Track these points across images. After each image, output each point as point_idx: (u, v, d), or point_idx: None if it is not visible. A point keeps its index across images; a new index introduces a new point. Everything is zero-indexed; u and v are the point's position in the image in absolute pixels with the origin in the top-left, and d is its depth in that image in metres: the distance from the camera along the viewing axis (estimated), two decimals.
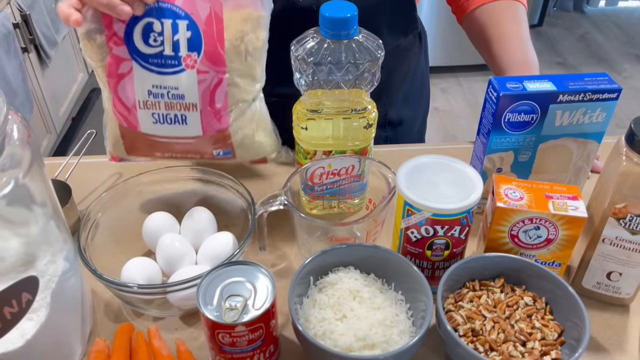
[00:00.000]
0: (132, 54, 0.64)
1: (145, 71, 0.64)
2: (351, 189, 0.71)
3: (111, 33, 0.64)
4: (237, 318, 0.51)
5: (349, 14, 0.60)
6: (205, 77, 0.64)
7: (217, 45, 0.63)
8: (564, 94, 0.65)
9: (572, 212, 0.58)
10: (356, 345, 0.53)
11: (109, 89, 0.67)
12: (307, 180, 0.69)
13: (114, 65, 0.65)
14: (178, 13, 0.62)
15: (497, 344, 0.55)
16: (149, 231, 0.66)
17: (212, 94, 0.65)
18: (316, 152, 0.69)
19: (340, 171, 0.68)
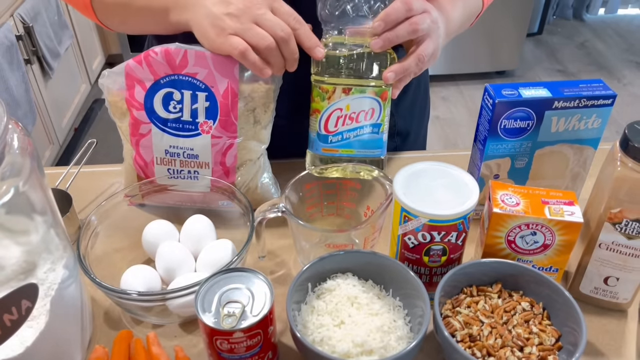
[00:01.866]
0: (151, 117, 0.70)
1: (164, 133, 0.70)
2: (369, 143, 0.69)
3: (132, 97, 0.69)
4: (235, 324, 0.51)
5: None
6: (218, 141, 0.70)
7: (231, 114, 0.69)
8: (559, 101, 0.65)
9: (568, 217, 0.58)
10: (354, 351, 0.53)
11: (131, 145, 0.72)
12: (323, 129, 0.67)
13: (134, 125, 0.70)
14: (198, 86, 0.68)
15: (495, 349, 0.55)
16: (149, 239, 0.67)
17: (224, 155, 0.71)
18: (335, 90, 0.67)
19: (359, 116, 0.67)
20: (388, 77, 0.66)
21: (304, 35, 0.64)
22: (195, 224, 0.68)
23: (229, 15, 0.62)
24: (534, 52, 3.35)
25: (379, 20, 0.64)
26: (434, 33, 0.68)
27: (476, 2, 0.82)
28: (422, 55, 0.67)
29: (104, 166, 0.85)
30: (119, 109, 0.70)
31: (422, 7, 0.66)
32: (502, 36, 2.83)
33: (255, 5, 0.63)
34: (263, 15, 0.62)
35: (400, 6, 0.64)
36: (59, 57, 2.22)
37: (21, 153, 0.48)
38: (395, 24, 0.65)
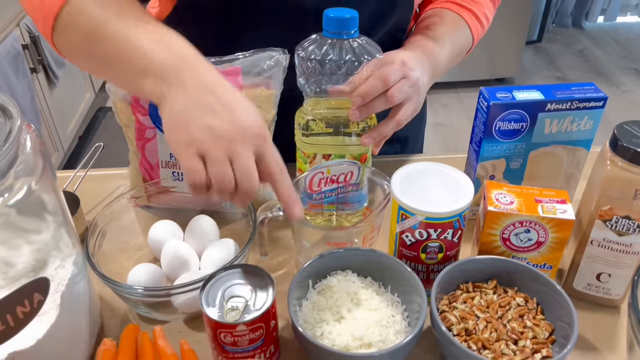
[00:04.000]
0: (155, 122, 0.71)
1: None
2: (350, 198, 0.74)
3: (137, 103, 0.71)
4: (238, 318, 0.53)
5: (349, 15, 0.63)
6: None
7: None
8: (551, 103, 0.68)
9: (561, 214, 0.60)
10: (353, 344, 0.55)
11: (137, 149, 0.74)
12: (307, 188, 0.71)
13: (140, 130, 0.72)
14: None
15: (490, 343, 0.56)
16: (154, 239, 0.69)
17: None
18: (316, 156, 0.71)
19: (339, 177, 0.70)
20: (366, 143, 0.68)
21: (283, 190, 0.55)
22: (199, 224, 0.70)
23: (209, 131, 0.51)
24: (533, 59, 3.38)
25: (357, 96, 0.65)
26: (414, 94, 0.69)
27: (466, 39, 0.82)
28: (401, 120, 0.69)
29: (111, 169, 0.87)
30: (124, 114, 0.72)
31: (399, 75, 0.66)
32: (502, 44, 2.86)
33: (242, 140, 0.51)
34: (241, 155, 0.51)
35: (378, 83, 0.64)
36: (64, 66, 2.26)
37: (34, 153, 0.50)
38: (373, 97, 0.65)
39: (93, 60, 0.60)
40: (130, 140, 0.74)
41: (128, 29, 0.56)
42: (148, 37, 0.55)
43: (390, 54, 0.71)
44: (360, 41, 0.65)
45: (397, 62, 0.67)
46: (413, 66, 0.68)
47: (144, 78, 0.54)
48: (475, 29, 0.82)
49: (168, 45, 0.55)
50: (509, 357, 0.55)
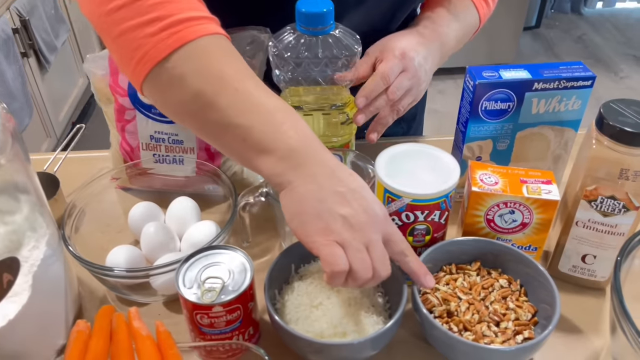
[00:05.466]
0: (135, 104, 0.70)
1: (148, 119, 0.70)
2: None
3: (115, 84, 0.69)
4: (214, 299, 0.52)
5: (324, 9, 0.61)
6: None
7: None
8: (539, 82, 0.66)
9: (545, 195, 0.59)
10: (328, 332, 0.54)
11: (117, 130, 0.72)
12: None
13: (120, 111, 0.71)
14: None
15: (472, 324, 0.56)
16: (134, 220, 0.68)
17: None
18: None
19: None
20: (372, 139, 0.72)
21: (414, 264, 0.54)
22: (180, 206, 0.69)
23: (344, 220, 0.50)
24: (532, 45, 3.35)
25: (361, 97, 0.67)
26: (414, 85, 0.70)
27: (474, 19, 0.81)
28: (400, 110, 0.71)
29: (93, 152, 0.86)
30: (104, 94, 0.71)
31: (399, 69, 0.68)
32: (499, 29, 2.83)
33: (374, 226, 0.51)
34: (376, 242, 0.51)
35: (379, 81, 0.67)
36: (55, 51, 2.23)
37: (2, 129, 0.49)
38: (375, 97, 0.68)
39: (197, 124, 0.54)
40: (110, 122, 0.73)
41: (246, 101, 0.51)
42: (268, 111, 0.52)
43: (391, 39, 0.71)
44: (337, 34, 0.63)
45: (397, 53, 0.68)
46: (413, 55, 0.69)
47: (266, 155, 0.51)
48: (482, 9, 0.81)
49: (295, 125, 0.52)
50: (490, 339, 0.54)
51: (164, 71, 0.51)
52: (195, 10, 0.52)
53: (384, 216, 0.52)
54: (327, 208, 0.50)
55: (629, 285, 0.59)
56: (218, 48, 0.53)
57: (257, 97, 0.52)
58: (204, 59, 0.51)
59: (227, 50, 0.53)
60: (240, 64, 0.53)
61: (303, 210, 0.50)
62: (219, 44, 0.53)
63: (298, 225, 0.51)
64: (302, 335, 0.52)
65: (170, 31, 0.50)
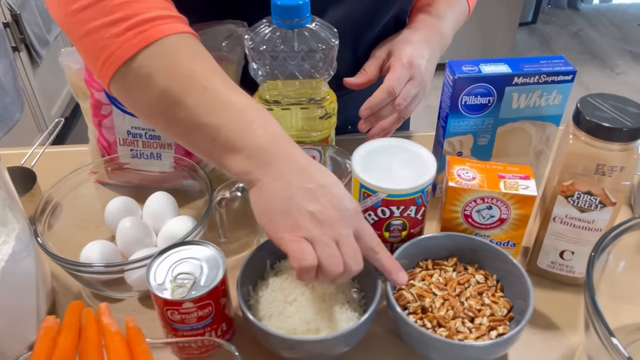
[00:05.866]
0: (111, 99, 0.69)
1: (125, 114, 0.70)
2: None
3: (91, 78, 0.69)
4: (185, 295, 0.52)
5: (300, 2, 0.60)
6: None
7: None
8: (519, 76, 0.66)
9: (523, 190, 0.59)
10: (301, 328, 0.53)
11: (93, 125, 0.72)
12: None
13: (96, 106, 0.70)
14: None
15: (446, 320, 0.55)
16: (111, 215, 0.67)
17: None
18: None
19: None
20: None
21: (385, 260, 0.54)
22: (157, 201, 0.68)
23: (313, 216, 0.49)
24: (528, 41, 3.34)
25: (366, 109, 0.69)
26: (419, 92, 0.73)
27: (464, 9, 0.83)
28: (405, 117, 0.74)
29: (73, 146, 0.85)
30: (81, 89, 0.70)
31: (405, 79, 0.70)
32: (495, 25, 2.83)
33: (344, 222, 0.51)
34: (347, 237, 0.50)
35: (386, 96, 0.69)
36: (47, 46, 2.22)
37: None
38: (381, 107, 0.70)
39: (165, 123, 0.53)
40: (87, 117, 0.72)
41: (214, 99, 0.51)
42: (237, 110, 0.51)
43: (398, 43, 0.73)
44: (313, 27, 0.62)
45: (404, 62, 0.70)
46: (420, 63, 0.71)
47: (234, 154, 0.51)
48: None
49: (264, 123, 0.51)
50: (464, 335, 0.54)
51: (131, 71, 0.50)
52: (162, 9, 0.52)
53: (354, 212, 0.52)
54: (294, 204, 0.49)
55: (605, 282, 0.58)
56: (185, 47, 0.52)
57: (225, 95, 0.51)
58: (171, 58, 0.50)
59: (194, 48, 0.53)
60: (209, 62, 0.53)
61: (271, 207, 0.50)
62: (187, 43, 0.52)
63: (266, 222, 0.51)
64: (273, 332, 0.52)
65: (136, 31, 0.49)
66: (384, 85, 0.69)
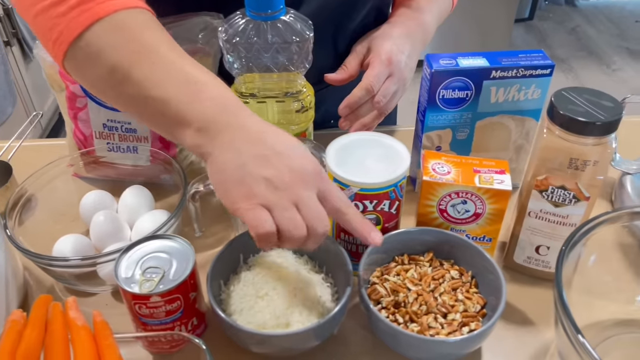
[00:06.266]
0: (86, 92, 0.68)
1: (100, 107, 0.69)
2: None
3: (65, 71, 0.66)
4: (152, 288, 0.51)
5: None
6: None
7: None
8: (496, 70, 0.65)
9: (498, 185, 0.58)
10: (270, 322, 0.53)
11: (69, 118, 0.71)
12: None
13: (71, 99, 0.70)
14: None
15: (418, 316, 0.55)
16: (86, 209, 0.67)
17: None
18: None
19: None
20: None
21: (355, 219, 0.52)
22: (132, 195, 0.67)
23: (268, 182, 0.48)
24: (524, 37, 3.33)
25: (345, 107, 0.69)
26: (399, 89, 0.72)
27: (447, 2, 0.82)
28: (385, 113, 0.72)
29: (51, 140, 0.85)
30: (56, 81, 0.69)
31: (384, 76, 0.69)
32: (491, 21, 2.81)
33: (303, 184, 0.49)
34: (307, 199, 0.49)
35: (363, 93, 0.68)
36: None
37: None
38: (360, 105, 0.70)
39: (117, 99, 0.54)
40: (63, 110, 0.72)
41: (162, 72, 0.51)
42: (185, 81, 0.51)
43: (378, 38, 0.72)
44: (287, 19, 0.62)
45: (383, 58, 0.69)
46: (399, 59, 0.70)
47: (185, 128, 0.50)
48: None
49: (213, 93, 0.51)
50: (436, 330, 0.54)
51: (79, 49, 0.50)
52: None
53: (315, 172, 0.50)
54: (247, 172, 0.48)
55: (579, 278, 0.58)
56: (134, 21, 0.51)
57: (175, 68, 0.51)
58: (119, 33, 0.50)
59: (145, 22, 0.52)
60: (160, 34, 0.52)
61: (225, 179, 0.49)
62: (136, 17, 0.52)
63: (222, 194, 0.50)
64: (241, 327, 0.51)
65: (81, 9, 0.49)
66: (363, 83, 0.69)
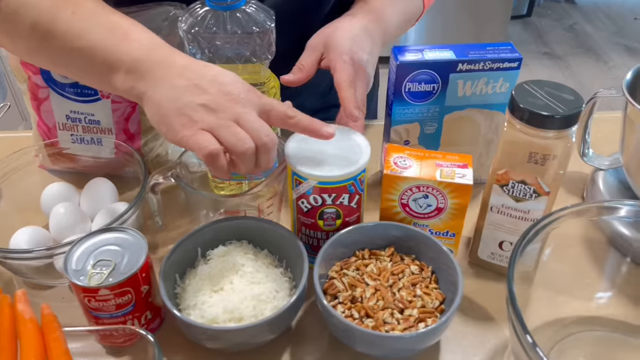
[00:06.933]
0: (48, 82, 0.68)
1: (63, 98, 0.68)
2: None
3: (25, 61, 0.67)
4: (101, 281, 0.51)
5: None
6: (118, 107, 0.69)
7: None
8: (463, 63, 0.64)
9: (459, 179, 0.57)
10: (222, 317, 0.52)
11: (33, 109, 0.71)
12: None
13: (34, 89, 0.69)
14: None
15: (374, 311, 0.54)
16: (47, 201, 0.66)
17: (127, 120, 0.70)
18: None
19: None
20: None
21: (303, 121, 0.55)
22: (95, 187, 0.67)
23: (205, 107, 0.50)
24: (521, 34, 3.31)
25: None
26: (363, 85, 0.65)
27: (417, 4, 0.79)
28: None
29: (18, 132, 0.84)
30: (19, 72, 0.69)
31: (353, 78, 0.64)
32: (486, 17, 2.79)
33: (240, 102, 0.51)
34: (247, 114, 0.51)
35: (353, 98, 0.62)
36: None
37: None
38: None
39: (44, 57, 0.56)
40: (27, 101, 0.71)
41: (84, 21, 0.52)
42: (109, 28, 0.52)
43: (334, 34, 0.66)
44: (247, 9, 0.61)
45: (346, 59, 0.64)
46: (360, 57, 0.65)
47: (115, 73, 0.52)
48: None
49: (138, 36, 0.53)
50: (391, 326, 0.53)
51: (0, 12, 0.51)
52: None
53: (249, 92, 0.52)
54: (184, 103, 0.50)
55: (541, 273, 0.57)
56: None
57: (95, 16, 0.52)
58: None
59: None
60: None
61: (164, 114, 0.50)
62: None
63: (165, 130, 0.51)
64: (191, 322, 0.51)
65: None
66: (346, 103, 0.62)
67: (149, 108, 0.52)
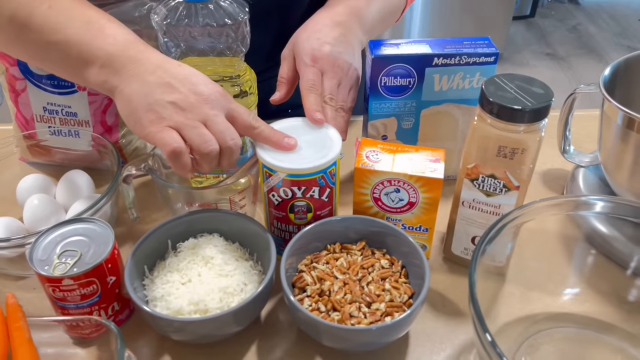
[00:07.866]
0: (25, 74, 0.68)
1: (40, 90, 0.69)
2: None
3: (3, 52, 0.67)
4: (65, 271, 0.51)
5: None
6: (95, 99, 0.69)
7: None
8: (439, 57, 0.64)
9: (430, 173, 0.57)
10: (187, 309, 0.52)
11: (11, 101, 0.71)
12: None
13: (11, 81, 0.70)
14: None
15: (341, 305, 0.53)
16: (22, 192, 0.66)
17: (104, 113, 0.70)
18: None
19: None
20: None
21: (266, 131, 0.56)
22: (71, 179, 0.67)
23: (174, 105, 0.51)
24: (524, 35, 3.29)
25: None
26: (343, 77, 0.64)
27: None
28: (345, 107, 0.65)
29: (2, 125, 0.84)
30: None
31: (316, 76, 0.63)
32: (489, 18, 2.78)
33: (210, 104, 0.52)
34: (215, 117, 0.52)
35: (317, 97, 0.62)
36: None
37: None
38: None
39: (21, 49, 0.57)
40: (6, 93, 0.71)
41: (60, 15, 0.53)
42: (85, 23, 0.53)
43: (299, 38, 0.65)
44: (221, 2, 0.60)
45: (307, 60, 0.63)
46: (324, 52, 0.63)
47: (89, 67, 0.53)
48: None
49: (113, 32, 0.54)
50: (357, 320, 0.52)
51: None
52: None
53: (219, 95, 0.53)
54: (154, 100, 0.51)
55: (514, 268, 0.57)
56: None
57: (71, 10, 0.53)
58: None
59: None
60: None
61: (133, 109, 0.51)
62: None
63: (133, 124, 0.52)
64: (155, 313, 0.51)
65: None
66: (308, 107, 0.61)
67: (119, 101, 0.53)
